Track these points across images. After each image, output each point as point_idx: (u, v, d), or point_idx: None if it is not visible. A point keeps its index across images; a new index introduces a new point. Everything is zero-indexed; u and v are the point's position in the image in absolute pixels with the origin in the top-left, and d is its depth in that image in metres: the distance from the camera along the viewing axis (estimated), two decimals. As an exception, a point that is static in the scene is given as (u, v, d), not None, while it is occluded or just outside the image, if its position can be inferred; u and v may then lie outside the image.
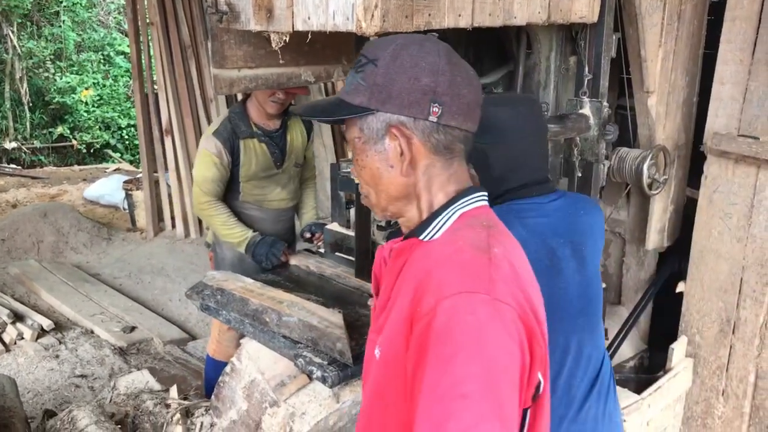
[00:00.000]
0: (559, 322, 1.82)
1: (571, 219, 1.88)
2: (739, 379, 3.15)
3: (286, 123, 3.33)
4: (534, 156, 1.90)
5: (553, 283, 1.80)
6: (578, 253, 1.86)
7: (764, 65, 2.89)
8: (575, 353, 1.88)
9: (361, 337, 2.51)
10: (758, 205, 2.97)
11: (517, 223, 1.76)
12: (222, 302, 2.74)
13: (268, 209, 3.38)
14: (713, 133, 3.01)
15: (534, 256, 1.68)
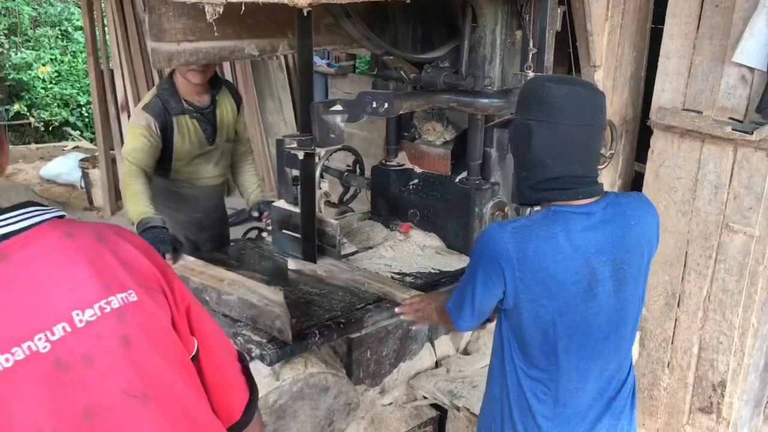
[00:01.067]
0: (581, 347, 1.73)
1: (618, 233, 1.69)
2: (684, 351, 3.20)
3: (215, 98, 3.27)
4: (583, 148, 1.68)
5: (585, 308, 1.69)
6: (618, 273, 1.69)
7: (708, 39, 2.90)
8: (595, 378, 1.78)
9: (303, 316, 2.50)
10: (702, 179, 3.00)
11: (563, 238, 1.65)
12: None
13: (200, 186, 3.35)
14: (658, 108, 3.02)
15: (574, 278, 1.65)
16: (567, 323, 1.69)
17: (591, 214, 1.68)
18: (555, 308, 1.67)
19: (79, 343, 1.02)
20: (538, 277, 1.65)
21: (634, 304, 1.77)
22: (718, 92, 2.89)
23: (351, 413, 2.60)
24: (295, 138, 2.67)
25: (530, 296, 1.68)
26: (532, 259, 1.64)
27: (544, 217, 1.69)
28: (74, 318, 1.03)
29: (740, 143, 2.84)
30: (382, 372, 2.78)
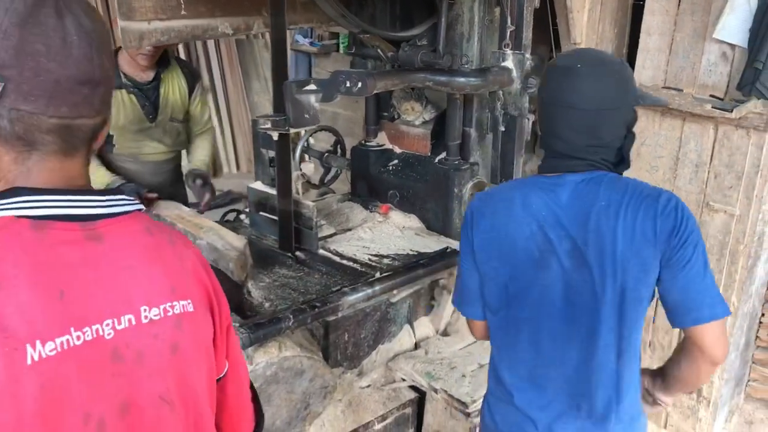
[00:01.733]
0: (536, 321, 1.66)
1: (582, 210, 1.57)
2: (665, 331, 3.19)
3: (160, 75, 3.21)
4: (589, 127, 1.56)
5: (535, 276, 1.62)
6: (578, 252, 1.57)
7: (690, 15, 2.86)
8: (552, 356, 1.67)
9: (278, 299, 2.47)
10: (683, 158, 2.97)
11: (518, 202, 1.63)
12: None
13: (144, 162, 3.29)
14: (639, 85, 2.98)
15: (524, 244, 1.61)
16: (518, 290, 1.65)
17: (560, 185, 1.60)
18: (506, 271, 1.66)
19: (137, 339, 1.02)
20: (491, 236, 1.67)
21: (607, 293, 1.56)
22: (699, 69, 2.86)
23: (327, 396, 2.58)
24: (269, 118, 2.63)
25: (484, 256, 1.69)
26: (488, 217, 1.68)
27: (515, 182, 1.77)
28: (141, 312, 1.02)
29: (721, 121, 2.81)
30: (360, 354, 2.76)
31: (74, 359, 0.94)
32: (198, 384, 1.13)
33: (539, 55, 3.46)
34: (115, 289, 1.01)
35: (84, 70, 0.94)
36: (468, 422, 2.53)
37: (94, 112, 0.98)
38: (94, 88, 0.96)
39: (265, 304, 2.39)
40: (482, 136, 3.03)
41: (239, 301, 2.42)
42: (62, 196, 0.97)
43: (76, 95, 0.94)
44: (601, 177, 1.59)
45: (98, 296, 0.99)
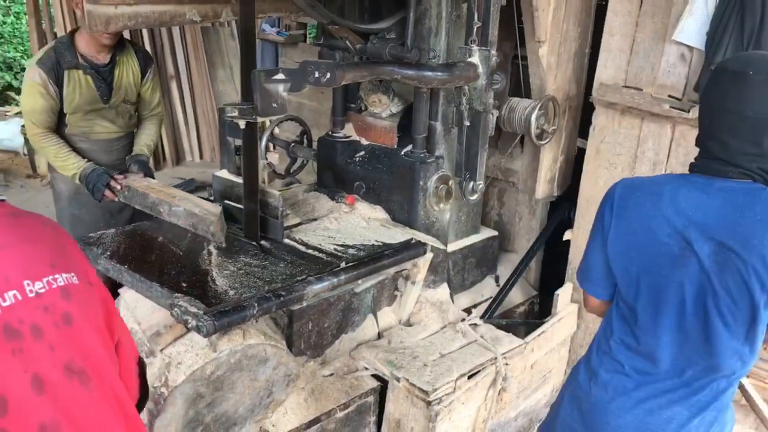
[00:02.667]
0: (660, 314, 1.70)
1: (733, 218, 1.58)
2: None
3: (115, 58, 3.23)
4: (748, 136, 1.58)
5: (670, 273, 1.65)
6: (719, 257, 1.58)
7: (650, 17, 2.93)
8: (672, 353, 1.71)
9: (242, 287, 2.49)
10: (641, 156, 3.06)
11: (667, 197, 1.65)
12: (128, 197, 3.05)
13: (95, 140, 3.32)
14: (599, 84, 3.06)
15: (665, 240, 1.64)
16: (650, 283, 1.68)
17: (713, 188, 1.61)
18: (640, 263, 1.69)
19: (28, 313, 1.04)
20: (631, 228, 1.69)
21: (740, 306, 1.58)
22: (658, 70, 2.94)
23: (291, 384, 2.61)
24: (237, 107, 2.64)
25: (620, 246, 1.72)
26: (631, 208, 1.69)
27: (664, 177, 1.75)
28: (25, 287, 1.06)
29: (678, 121, 2.90)
30: (323, 343, 2.79)
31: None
32: (101, 352, 1.15)
33: (503, 51, 3.51)
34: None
35: None
36: (429, 410, 2.58)
37: None
38: None
39: (230, 292, 2.40)
40: (448, 130, 3.08)
41: (204, 288, 2.42)
42: None
43: None
44: (760, 191, 1.59)
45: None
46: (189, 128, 6.95)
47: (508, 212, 3.86)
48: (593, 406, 1.85)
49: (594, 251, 1.82)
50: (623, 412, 1.79)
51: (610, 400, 1.81)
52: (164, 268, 2.57)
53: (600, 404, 1.84)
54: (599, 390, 1.84)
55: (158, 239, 2.80)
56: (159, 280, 2.45)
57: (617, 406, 1.80)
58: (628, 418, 1.79)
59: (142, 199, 2.95)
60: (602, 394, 1.83)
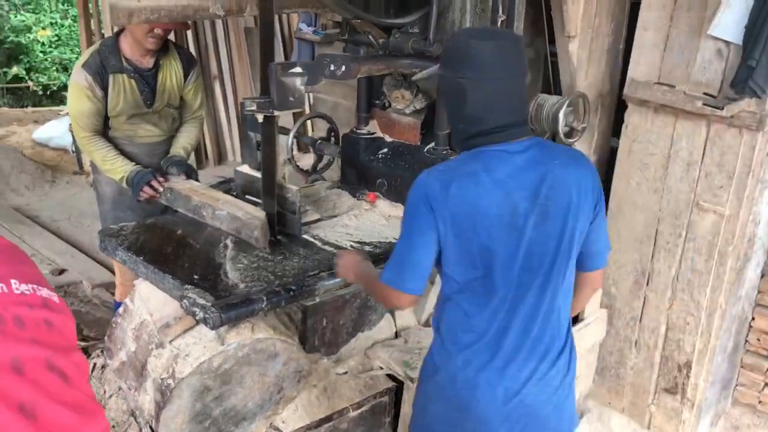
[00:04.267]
0: (504, 277, 1.80)
1: (541, 170, 1.77)
2: (651, 330, 3.15)
3: (159, 62, 3.19)
4: (513, 96, 1.79)
5: (508, 239, 1.77)
6: (542, 208, 1.76)
7: (686, 11, 2.81)
8: (510, 307, 1.83)
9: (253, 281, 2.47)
10: (674, 156, 2.93)
11: (483, 174, 1.75)
12: (171, 199, 3.04)
13: (139, 144, 3.29)
14: (631, 80, 2.95)
15: (497, 211, 1.76)
16: (491, 255, 1.77)
17: (511, 152, 1.76)
18: (479, 240, 1.76)
19: (13, 305, 1.07)
20: (463, 211, 1.74)
21: (561, 241, 1.79)
22: (693, 66, 2.81)
23: (302, 381, 2.58)
24: (255, 100, 2.62)
25: (457, 230, 1.76)
26: (456, 194, 1.74)
27: (466, 157, 1.82)
28: (12, 284, 1.09)
29: (713, 119, 2.76)
30: (338, 341, 2.75)
31: None
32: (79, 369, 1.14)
33: (536, 48, 3.42)
34: None
35: None
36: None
37: None
38: None
39: (240, 285, 2.38)
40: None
41: (215, 281, 2.41)
42: None
43: None
44: (541, 141, 1.84)
45: None
46: (231, 128, 7.01)
47: (539, 214, 3.76)
48: (465, 391, 1.88)
49: (420, 249, 1.82)
50: (493, 386, 1.85)
51: (475, 378, 1.86)
52: (179, 260, 2.56)
53: (470, 387, 1.86)
54: (465, 373, 1.87)
55: (177, 232, 2.80)
56: (172, 272, 2.45)
57: (486, 382, 1.85)
58: (499, 391, 1.85)
59: (185, 202, 2.95)
60: (469, 376, 1.87)
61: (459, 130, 1.87)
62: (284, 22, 7.07)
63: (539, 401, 1.88)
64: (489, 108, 1.76)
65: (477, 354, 1.85)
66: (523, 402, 1.86)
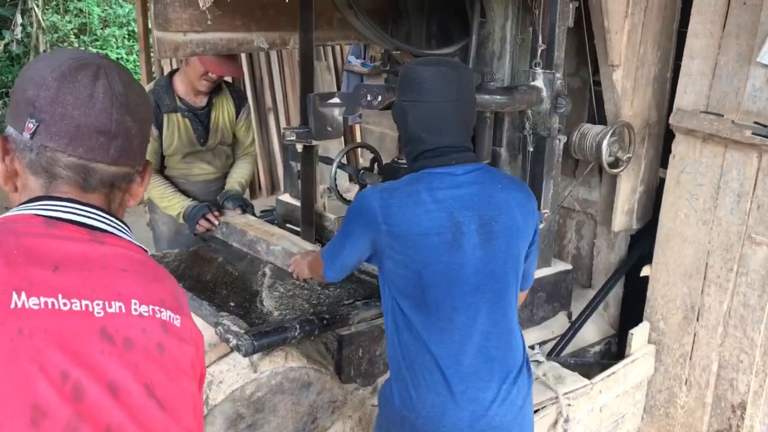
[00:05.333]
0: (450, 298, 1.84)
1: (485, 192, 1.85)
2: (702, 368, 3.03)
3: (212, 100, 3.23)
4: (454, 121, 1.86)
5: (450, 258, 1.81)
6: (486, 228, 1.83)
7: (734, 39, 2.74)
8: (465, 329, 1.85)
9: (287, 309, 2.47)
10: (724, 186, 2.83)
11: (425, 194, 1.81)
12: (227, 234, 3.04)
13: (194, 182, 3.32)
14: (677, 109, 2.87)
15: (438, 230, 1.80)
16: (433, 273, 1.81)
17: (455, 175, 1.83)
18: (420, 258, 1.80)
19: (126, 327, 1.08)
20: (402, 230, 1.79)
21: (506, 260, 1.87)
22: (743, 95, 2.73)
23: (336, 411, 2.56)
24: (295, 130, 2.66)
25: (397, 247, 1.81)
26: (396, 213, 1.79)
27: (410, 178, 1.87)
28: (131, 305, 1.10)
29: (765, 150, 2.67)
30: (374, 372, 2.72)
31: (58, 320, 1.01)
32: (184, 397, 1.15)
33: (581, 77, 3.38)
34: (109, 281, 1.09)
35: (102, 121, 1.10)
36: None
37: (109, 159, 1.13)
38: (111, 139, 1.12)
39: (275, 313, 2.39)
40: (514, 156, 2.98)
41: (249, 308, 2.43)
42: (78, 205, 1.12)
43: (93, 141, 1.10)
44: (486, 167, 1.92)
45: (92, 281, 1.07)
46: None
47: (586, 246, 3.68)
48: (429, 419, 1.87)
49: (350, 250, 1.95)
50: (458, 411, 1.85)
51: (439, 406, 1.85)
52: (217, 287, 2.60)
53: (435, 414, 1.86)
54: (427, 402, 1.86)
55: (218, 260, 2.84)
56: (209, 299, 2.48)
57: (450, 408, 1.85)
58: (464, 415, 1.85)
59: (240, 237, 2.97)
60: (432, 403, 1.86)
61: (407, 152, 1.94)
62: (337, 55, 7.19)
63: (506, 422, 1.88)
64: (428, 129, 1.84)
65: (436, 380, 1.85)
66: (490, 425, 1.86)
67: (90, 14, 11.21)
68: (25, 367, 0.97)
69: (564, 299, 3.40)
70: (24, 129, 1.09)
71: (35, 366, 0.97)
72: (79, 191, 1.13)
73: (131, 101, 1.14)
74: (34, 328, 0.99)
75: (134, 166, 1.20)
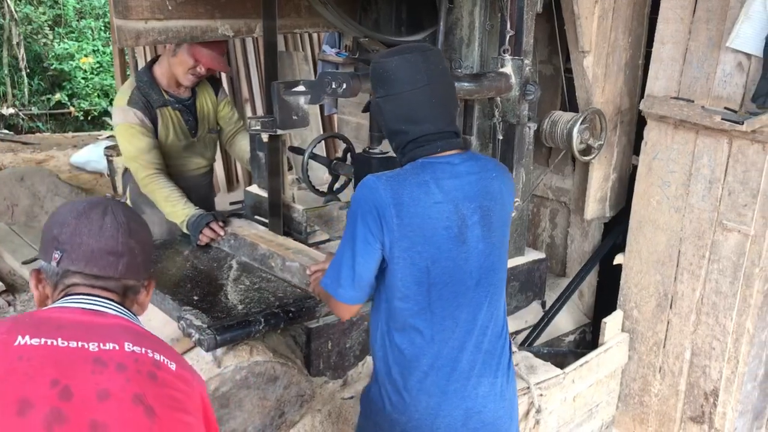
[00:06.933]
0: (454, 295, 1.77)
1: (482, 183, 1.78)
2: (676, 356, 3.01)
3: (194, 89, 3.15)
4: (430, 107, 1.76)
5: (457, 253, 1.74)
6: (486, 219, 1.77)
7: (705, 24, 2.71)
8: (466, 325, 1.79)
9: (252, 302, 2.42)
10: (696, 173, 2.81)
11: (433, 185, 1.71)
12: (235, 246, 2.80)
13: (188, 177, 3.22)
14: (647, 95, 2.85)
15: (446, 224, 1.72)
16: (440, 270, 1.72)
17: (454, 164, 1.75)
18: (429, 254, 1.70)
19: (119, 357, 1.28)
20: (415, 223, 1.68)
21: (501, 251, 1.84)
22: (713, 80, 2.70)
23: (304, 405, 2.51)
24: (260, 119, 2.61)
25: (406, 243, 1.69)
26: (408, 204, 1.67)
27: (413, 167, 1.75)
28: (125, 346, 1.31)
29: (735, 135, 2.65)
30: (345, 364, 2.69)
31: (55, 350, 1.24)
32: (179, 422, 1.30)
33: (554, 64, 3.35)
34: (106, 334, 1.31)
35: (111, 245, 1.40)
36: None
37: (118, 274, 1.41)
38: (119, 258, 1.41)
39: (239, 306, 2.35)
40: (485, 144, 2.94)
41: (213, 302, 2.38)
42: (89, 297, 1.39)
43: (105, 260, 1.39)
44: (474, 154, 1.85)
45: (90, 333, 1.29)
46: (262, 150, 7.05)
47: (560, 234, 3.65)
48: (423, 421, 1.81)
49: (362, 259, 1.72)
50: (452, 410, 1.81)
51: (434, 407, 1.80)
52: (181, 281, 2.54)
53: (429, 416, 1.80)
54: (421, 404, 1.80)
55: (183, 253, 2.78)
56: (172, 293, 2.43)
57: (445, 407, 1.80)
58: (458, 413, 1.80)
59: (251, 250, 2.73)
60: (427, 405, 1.80)
61: (393, 148, 1.86)
62: (315, 45, 7.12)
63: (498, 416, 1.85)
64: (405, 119, 1.75)
65: (431, 382, 1.79)
66: (483, 421, 1.82)
67: (65, 5, 11.05)
68: (18, 377, 1.18)
69: (538, 288, 3.38)
70: (51, 259, 1.38)
71: (27, 376, 1.19)
72: (93, 289, 1.39)
73: (133, 228, 1.44)
74: (32, 355, 1.22)
75: (139, 280, 1.47)
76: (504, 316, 1.91)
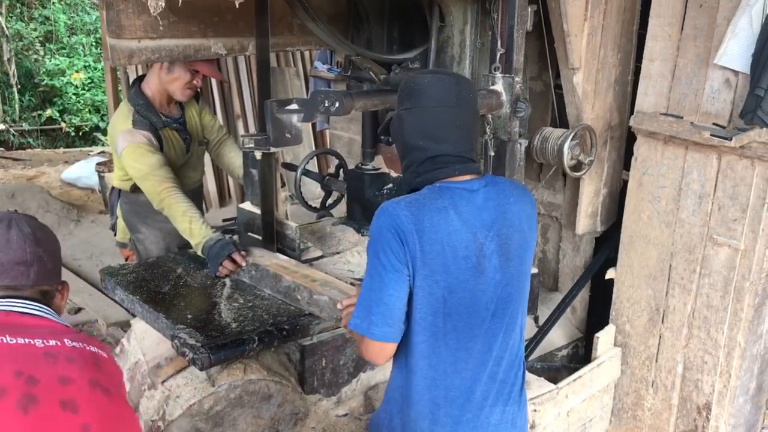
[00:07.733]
0: (469, 326, 1.71)
1: (500, 209, 1.71)
2: (668, 370, 3.03)
3: (182, 105, 3.16)
4: (453, 127, 1.72)
5: (475, 284, 1.68)
6: (503, 248, 1.71)
7: (692, 41, 2.75)
8: (480, 357, 1.74)
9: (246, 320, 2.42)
10: (686, 188, 2.84)
11: (452, 212, 1.66)
12: (256, 278, 2.67)
13: (185, 192, 3.19)
14: (637, 112, 2.88)
15: (464, 253, 1.66)
16: (456, 301, 1.67)
17: (473, 190, 1.70)
18: (447, 284, 1.65)
19: (66, 351, 1.42)
20: (435, 250, 1.63)
21: (520, 280, 1.77)
22: (702, 96, 2.74)
23: (299, 423, 2.51)
24: (253, 137, 2.61)
25: (426, 272, 1.64)
26: (429, 230, 1.63)
27: (431, 192, 1.70)
28: (65, 342, 1.44)
29: (724, 151, 2.68)
30: (339, 382, 2.68)
31: (8, 348, 1.37)
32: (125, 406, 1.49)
33: (544, 81, 3.38)
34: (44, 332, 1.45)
35: (20, 255, 1.51)
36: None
37: (30, 282, 1.52)
38: (28, 267, 1.52)
39: (233, 324, 2.34)
40: (477, 161, 2.95)
41: (207, 321, 2.38)
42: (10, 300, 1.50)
43: (15, 271, 1.51)
44: (493, 178, 1.79)
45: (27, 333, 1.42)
46: (254, 166, 7.05)
47: (552, 249, 3.67)
48: None
49: (391, 291, 1.64)
50: None
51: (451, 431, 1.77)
52: (174, 299, 2.54)
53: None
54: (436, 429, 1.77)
55: (177, 271, 2.78)
56: (166, 312, 2.43)
57: None
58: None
59: (274, 282, 2.59)
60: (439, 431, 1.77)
61: (405, 166, 1.80)
62: (306, 61, 7.15)
63: None
64: (426, 135, 1.71)
65: (444, 413, 1.75)
66: None
67: (56, 22, 11.06)
68: None
69: (530, 303, 3.38)
70: None
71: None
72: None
73: (39, 237, 1.55)
74: None
75: (52, 285, 1.58)
76: (521, 344, 1.85)
